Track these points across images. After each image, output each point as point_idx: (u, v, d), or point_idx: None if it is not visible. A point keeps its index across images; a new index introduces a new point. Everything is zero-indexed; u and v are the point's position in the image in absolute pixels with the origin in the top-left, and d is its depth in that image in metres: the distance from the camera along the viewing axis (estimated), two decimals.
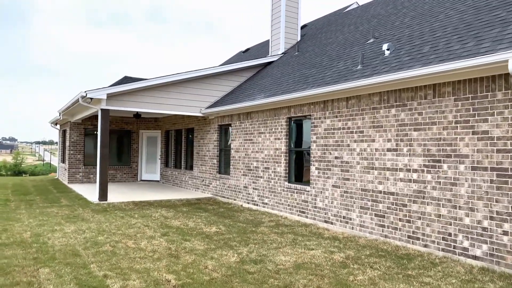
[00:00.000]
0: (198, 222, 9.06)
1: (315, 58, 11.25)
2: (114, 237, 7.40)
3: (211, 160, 13.81)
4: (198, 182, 14.72)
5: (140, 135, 18.99)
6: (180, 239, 7.41)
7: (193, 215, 10.09)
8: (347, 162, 8.16)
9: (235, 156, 12.32)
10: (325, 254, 6.44)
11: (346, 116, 8.24)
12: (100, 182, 11.93)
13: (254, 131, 11.37)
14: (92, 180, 17.81)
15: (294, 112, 9.79)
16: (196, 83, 13.34)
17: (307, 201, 9.23)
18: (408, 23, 9.33)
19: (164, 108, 12.85)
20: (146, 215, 9.97)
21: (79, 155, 17.61)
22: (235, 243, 7.18)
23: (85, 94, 11.36)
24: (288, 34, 15.33)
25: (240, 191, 11.98)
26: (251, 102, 10.81)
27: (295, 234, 7.94)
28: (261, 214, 10.22)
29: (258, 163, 11.14)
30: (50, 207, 10.94)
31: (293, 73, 11.17)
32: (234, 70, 14.00)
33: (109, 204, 11.57)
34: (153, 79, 12.40)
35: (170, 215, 10.04)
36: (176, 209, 10.95)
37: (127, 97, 12.24)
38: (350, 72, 8.22)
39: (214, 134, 13.65)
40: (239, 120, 12.15)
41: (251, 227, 8.66)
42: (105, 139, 11.99)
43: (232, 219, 9.56)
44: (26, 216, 9.50)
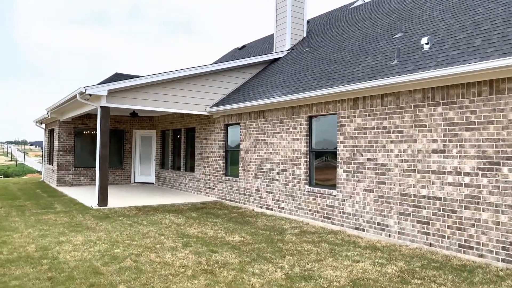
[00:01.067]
0: (216, 230, 8.31)
1: (334, 53, 10.64)
2: (131, 250, 6.58)
3: (216, 162, 13.04)
4: (200, 184, 13.92)
5: (133, 135, 18.02)
6: (206, 250, 6.66)
7: (206, 221, 9.32)
8: (383, 164, 7.57)
9: (245, 157, 11.60)
10: (376, 267, 5.81)
11: (381, 114, 7.64)
12: (100, 185, 11.00)
13: (268, 131, 10.68)
14: (83, 183, 16.75)
15: (316, 111, 9.15)
16: (200, 80, 12.55)
17: (333, 206, 8.60)
18: (439, 17, 8.82)
19: (167, 106, 12.02)
20: (155, 222, 9.15)
21: (69, 156, 16.52)
22: (269, 254, 6.48)
23: (84, 90, 10.43)
24: (294, 30, 14.71)
25: (251, 195, 11.26)
26: (266, 100, 10.12)
27: (328, 243, 7.29)
28: (279, 220, 9.54)
29: (273, 165, 10.45)
30: (45, 214, 9.98)
31: (310, 69, 10.53)
32: (240, 66, 13.27)
33: (110, 210, 10.67)
34: (156, 74, 11.56)
35: (181, 221, 9.25)
36: (184, 215, 10.16)
37: (128, 94, 11.36)
38: (386, 67, 7.63)
39: (220, 134, 12.89)
40: (250, 119, 11.43)
41: (276, 235, 7.97)
42: (105, 139, 11.08)
43: (251, 226, 8.84)
44: (23, 224, 8.55)
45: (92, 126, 17.02)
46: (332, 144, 8.88)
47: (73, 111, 14.17)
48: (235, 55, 21.64)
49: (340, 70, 9.02)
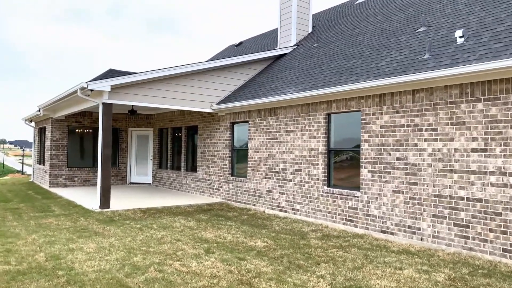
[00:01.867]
0: (233, 234, 7.79)
1: (349, 48, 10.22)
2: (152, 258, 6.02)
3: (221, 161, 12.50)
4: (203, 185, 13.35)
5: (129, 134, 17.32)
6: (232, 257, 6.14)
7: (218, 224, 8.80)
8: (414, 164, 7.17)
9: (254, 156, 11.10)
10: (422, 275, 5.39)
11: (412, 111, 7.24)
12: (102, 187, 10.35)
13: (281, 129, 10.20)
14: (77, 184, 15.98)
15: (336, 108, 8.71)
16: (205, 76, 11.99)
17: (357, 208, 8.18)
18: (465, 10, 8.48)
19: (171, 103, 11.42)
20: (165, 225, 8.58)
21: (62, 156, 15.74)
22: (301, 261, 6.00)
23: (86, 86, 9.77)
24: (300, 25, 14.26)
25: (262, 196, 10.77)
26: (280, 97, 9.64)
27: (358, 248, 6.86)
28: (295, 223, 9.07)
29: (286, 164, 9.98)
30: (44, 217, 9.30)
31: (325, 64, 10.09)
32: (245, 62, 12.75)
33: (114, 213, 10.04)
34: (161, 69, 10.95)
35: (193, 225, 8.71)
36: (194, 217, 9.61)
37: (131, 90, 10.73)
38: (417, 62, 7.23)
39: (226, 132, 12.35)
40: (260, 117, 10.93)
41: (299, 239, 7.51)
42: (107, 138, 10.43)
43: (268, 229, 8.36)
44: (23, 230, 7.88)
45: (86, 124, 16.27)
46: (354, 143, 8.46)
47: (69, 108, 13.43)
48: (232, 52, 21.09)
49: (362, 65, 8.60)
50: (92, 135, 16.53)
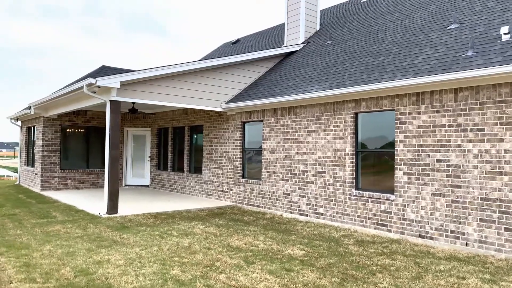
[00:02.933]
0: (264, 241, 7.29)
1: (371, 46, 9.87)
2: (191, 270, 5.47)
3: (231, 163, 11.96)
4: (210, 187, 12.78)
5: (125, 134, 16.54)
6: (278, 268, 5.65)
7: (241, 230, 8.28)
8: (458, 166, 6.84)
9: (270, 158, 10.61)
10: (490, 285, 5.03)
11: (454, 110, 6.91)
12: (110, 190, 9.66)
13: (301, 129, 9.75)
14: (70, 187, 15.12)
15: (366, 106, 8.33)
16: (215, 73, 11.43)
17: (390, 212, 7.81)
18: (498, 7, 8.23)
19: (180, 101, 10.82)
20: (185, 232, 8.01)
21: (55, 157, 14.85)
22: (354, 272, 5.56)
23: (94, 81, 9.07)
24: (308, 22, 13.86)
25: (279, 199, 10.30)
26: (302, 95, 9.19)
27: (404, 255, 6.47)
28: (321, 227, 8.64)
29: (307, 166, 9.54)
30: (48, 224, 8.57)
31: (348, 61, 9.70)
32: (255, 59, 12.25)
33: (124, 218, 9.38)
34: (171, 66, 10.34)
35: (214, 231, 8.16)
36: (210, 222, 9.05)
37: (140, 87, 10.08)
38: (460, 59, 6.90)
39: (236, 132, 11.81)
40: (276, 117, 10.46)
41: (335, 246, 7.07)
42: (115, 138, 9.74)
43: (297, 235, 7.89)
44: (32, 239, 7.17)
45: (80, 123, 15.42)
46: (386, 144, 8.09)
47: (66, 106, 12.63)
48: (229, 49, 20.53)
49: (394, 62, 8.24)
50: (86, 135, 15.69)
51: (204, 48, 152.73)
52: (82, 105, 11.30)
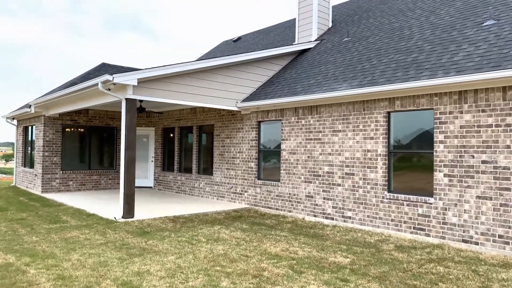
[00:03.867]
0: (300, 247, 6.90)
1: (399, 43, 9.55)
2: (241, 281, 5.05)
3: (245, 164, 11.53)
4: (222, 189, 12.32)
5: None
6: (332, 278, 5.27)
7: (269, 234, 7.87)
8: (507, 167, 6.55)
9: (290, 159, 10.22)
10: None
11: (502, 110, 6.63)
12: (127, 193, 9.14)
13: (325, 129, 9.39)
14: (72, 188, 14.47)
15: (400, 105, 8.00)
16: (230, 71, 10.98)
17: (429, 215, 7.50)
18: None
19: (196, 99, 10.34)
20: (212, 237, 7.56)
21: (56, 157, 14.18)
22: (415, 281, 5.22)
23: (111, 78, 8.54)
24: (320, 19, 13.51)
25: (300, 202, 9.91)
26: (329, 93, 8.83)
27: (454, 262, 6.15)
28: (352, 232, 8.29)
29: (333, 167, 9.18)
30: (63, 230, 8.03)
31: (374, 59, 9.37)
32: (270, 57, 11.83)
33: (142, 223, 8.87)
34: (189, 63, 9.86)
35: (242, 236, 7.73)
36: (233, 227, 8.62)
37: (157, 85, 9.57)
38: (510, 56, 6.62)
39: (251, 132, 11.39)
40: (297, 116, 10.07)
41: (377, 252, 6.72)
42: (131, 138, 9.22)
43: (331, 241, 7.52)
44: (53, 247, 6.63)
45: (82, 122, 14.78)
46: (422, 144, 7.78)
47: (71, 104, 12.01)
48: (230, 48, 20.07)
49: (430, 60, 7.93)
50: (88, 134, 15.05)
51: (194, 48, 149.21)
52: (91, 103, 10.72)
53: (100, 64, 17.07)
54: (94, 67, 17.10)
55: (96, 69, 16.47)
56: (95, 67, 16.94)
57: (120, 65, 17.35)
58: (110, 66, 17.07)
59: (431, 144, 7.61)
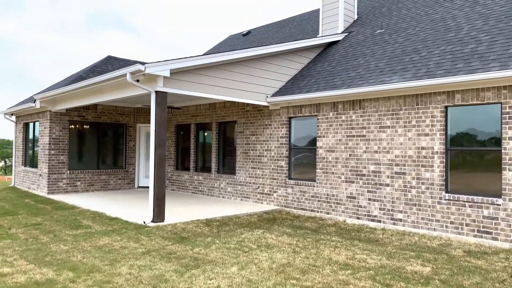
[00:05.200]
0: (367, 255, 6.25)
1: (447, 34, 8.96)
2: None
3: (274, 162, 10.83)
4: (247, 189, 11.60)
5: (137, 131, 15.07)
6: None
7: (321, 239, 7.21)
8: None
9: (327, 157, 9.57)
10: None
11: None
12: (157, 195, 8.36)
13: (370, 124, 8.76)
14: (80, 189, 13.56)
15: (461, 99, 7.41)
16: (260, 63, 10.27)
17: (497, 217, 6.92)
18: None
19: (225, 93, 9.61)
20: (261, 243, 6.87)
21: (63, 156, 13.25)
22: None
23: (143, 68, 7.74)
24: (346, 10, 12.90)
25: (340, 203, 9.27)
26: (377, 86, 8.20)
27: None
28: (407, 235, 7.67)
29: (380, 166, 8.55)
30: (90, 237, 7.24)
31: (423, 50, 8.76)
32: (299, 49, 11.15)
33: (174, 227, 8.11)
34: (224, 53, 9.11)
35: (290, 241, 7.07)
36: (277, 231, 7.93)
37: (187, 77, 8.81)
38: None
39: (281, 129, 10.69)
40: (336, 111, 9.42)
41: (450, 259, 6.12)
42: (162, 135, 8.44)
43: (391, 246, 6.90)
44: (90, 257, 5.85)
45: (90, 118, 13.87)
46: (487, 141, 7.20)
47: (84, 98, 11.13)
48: (239, 42, 19.32)
49: (495, 50, 7.34)
50: (96, 131, 14.16)
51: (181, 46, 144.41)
52: (110, 97, 9.88)
53: (106, 57, 16.18)
54: (100, 60, 16.21)
55: (102, 62, 15.59)
56: (101, 60, 16.06)
57: (127, 59, 16.50)
58: (116, 59, 16.21)
59: (498, 141, 7.04)
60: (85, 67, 17.01)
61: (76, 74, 15.49)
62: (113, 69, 15.32)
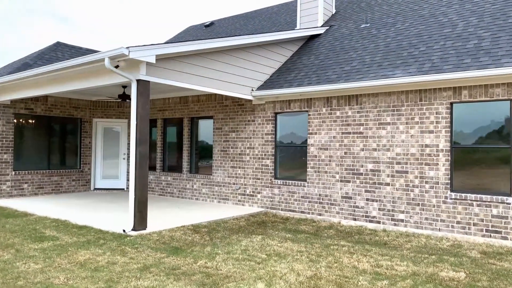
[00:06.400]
0: (393, 261, 5.75)
1: (443, 29, 8.76)
2: None
3: (259, 161, 10.10)
4: (226, 190, 10.75)
5: (94, 126, 13.58)
6: None
7: (328, 244, 6.63)
8: None
9: (320, 155, 9.02)
10: None
11: None
12: (139, 198, 7.28)
13: (369, 121, 8.33)
14: (27, 193, 11.87)
15: (468, 95, 7.18)
16: (245, 54, 9.48)
17: (507, 216, 6.76)
18: None
19: (210, 84, 8.71)
20: (268, 251, 6.14)
21: (7, 155, 11.51)
22: None
23: (126, 52, 6.65)
24: (326, 4, 12.47)
25: (334, 204, 8.76)
26: (378, 81, 7.79)
27: None
28: (412, 237, 7.32)
29: (380, 165, 8.15)
30: (65, 251, 6.08)
31: (421, 45, 8.48)
32: (283, 40, 10.51)
33: (160, 235, 7.10)
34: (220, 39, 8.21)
35: (296, 247, 6.42)
36: (276, 236, 7.24)
37: (171, 65, 7.81)
38: None
39: (266, 125, 9.98)
40: (329, 106, 8.90)
41: (478, 263, 5.80)
42: (143, 130, 7.38)
43: (409, 250, 6.48)
44: (81, 280, 4.78)
45: (39, 112, 12.21)
46: (495, 138, 7.02)
47: (36, 88, 9.62)
48: (202, 33, 18.28)
49: (501, 46, 7.19)
50: (47, 126, 12.51)
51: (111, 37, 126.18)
52: (76, 86, 8.54)
53: (55, 43, 14.49)
54: (47, 47, 14.48)
55: (51, 49, 13.94)
56: (49, 47, 14.35)
57: (78, 46, 14.91)
58: (67, 46, 14.61)
59: (506, 139, 6.88)
60: (27, 55, 15.10)
61: (21, 61, 13.66)
62: (63, 56, 13.73)
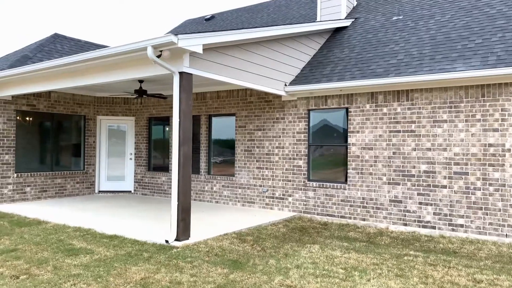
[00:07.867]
0: (485, 274, 5.18)
1: (495, 21, 8.27)
2: None
3: (289, 162, 9.40)
4: (251, 193, 10.00)
5: (98, 124, 12.55)
6: None
7: (398, 255, 6.02)
8: None
9: (363, 155, 8.40)
10: None
11: None
12: (182, 206, 6.45)
13: (421, 118, 7.76)
14: (30, 196, 10.79)
15: None
16: (280, 46, 8.77)
17: None
18: None
19: (248, 78, 7.96)
20: (341, 263, 5.45)
21: (8, 156, 10.40)
22: None
23: (175, 40, 5.81)
24: None
25: (381, 208, 8.17)
26: (437, 75, 7.22)
27: None
28: (480, 244, 6.79)
29: (434, 166, 7.60)
30: (109, 267, 5.25)
31: (476, 37, 7.94)
32: (314, 32, 9.83)
33: (208, 245, 6.32)
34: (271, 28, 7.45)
35: (363, 258, 5.81)
36: (333, 245, 6.57)
37: (213, 57, 7.00)
38: None
39: (298, 123, 9.29)
40: (374, 102, 8.28)
41: None
42: (187, 128, 6.55)
43: (489, 259, 5.94)
44: None
45: (42, 109, 11.12)
46: None
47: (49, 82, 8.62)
48: (202, 26, 17.39)
49: None
50: (50, 124, 11.43)
51: None
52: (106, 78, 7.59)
53: (53, 35, 13.38)
54: (46, 38, 13.33)
55: (49, 41, 12.85)
56: (47, 38, 13.21)
57: (77, 38, 13.82)
58: (65, 38, 13.55)
59: None
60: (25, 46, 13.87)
61: (18, 53, 12.46)
62: (63, 48, 12.67)
